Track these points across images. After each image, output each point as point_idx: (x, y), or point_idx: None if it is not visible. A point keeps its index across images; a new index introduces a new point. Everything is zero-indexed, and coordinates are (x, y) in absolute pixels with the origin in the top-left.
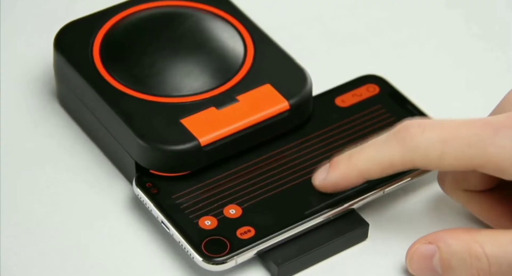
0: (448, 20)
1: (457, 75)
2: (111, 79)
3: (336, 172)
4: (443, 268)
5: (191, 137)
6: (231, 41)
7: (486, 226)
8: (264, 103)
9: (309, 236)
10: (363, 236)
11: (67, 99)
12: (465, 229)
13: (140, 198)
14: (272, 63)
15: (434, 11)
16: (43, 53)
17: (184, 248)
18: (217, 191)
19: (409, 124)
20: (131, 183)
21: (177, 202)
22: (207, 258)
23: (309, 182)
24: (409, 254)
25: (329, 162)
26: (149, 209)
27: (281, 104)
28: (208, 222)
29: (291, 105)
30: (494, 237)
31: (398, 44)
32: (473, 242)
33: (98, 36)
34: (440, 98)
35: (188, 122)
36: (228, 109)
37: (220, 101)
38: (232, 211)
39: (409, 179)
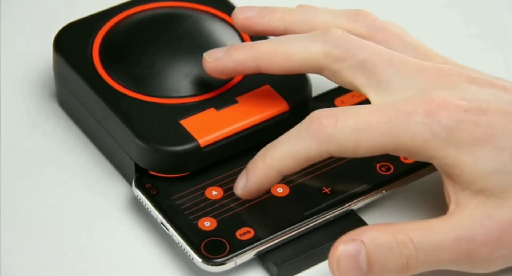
0: (446, 19)
1: None
2: (110, 80)
3: (254, 176)
4: (369, 263)
5: (190, 138)
6: (230, 42)
7: None
8: (264, 105)
9: (309, 237)
10: None
11: (66, 100)
12: (384, 223)
13: (140, 199)
14: None
15: (433, 10)
16: (43, 54)
17: (184, 249)
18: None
19: (321, 115)
20: (131, 184)
21: (177, 203)
22: (207, 259)
23: (308, 182)
24: (334, 256)
25: (245, 168)
26: (149, 210)
27: (281, 106)
28: (207, 223)
29: (290, 107)
30: (416, 225)
31: None
32: (397, 231)
33: (97, 37)
34: None
35: (188, 123)
36: (227, 110)
37: (219, 102)
38: (232, 212)
39: (408, 180)
